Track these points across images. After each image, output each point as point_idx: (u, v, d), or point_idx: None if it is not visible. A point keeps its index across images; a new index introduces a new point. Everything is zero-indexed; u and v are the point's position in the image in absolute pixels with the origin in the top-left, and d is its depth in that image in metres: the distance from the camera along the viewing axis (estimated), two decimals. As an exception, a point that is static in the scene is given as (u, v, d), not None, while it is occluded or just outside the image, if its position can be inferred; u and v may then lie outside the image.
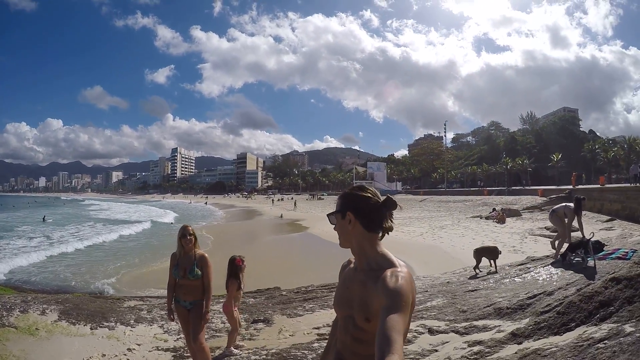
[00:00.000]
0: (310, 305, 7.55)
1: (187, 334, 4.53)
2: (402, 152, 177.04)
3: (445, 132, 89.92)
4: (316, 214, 42.32)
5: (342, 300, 1.79)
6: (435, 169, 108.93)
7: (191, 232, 4.49)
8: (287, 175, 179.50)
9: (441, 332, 5.22)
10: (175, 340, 5.99)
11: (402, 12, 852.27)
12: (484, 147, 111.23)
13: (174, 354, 5.52)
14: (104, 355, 5.50)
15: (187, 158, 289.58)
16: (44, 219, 43.95)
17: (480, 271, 8.97)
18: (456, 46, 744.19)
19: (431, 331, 5.24)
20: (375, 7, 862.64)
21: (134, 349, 5.71)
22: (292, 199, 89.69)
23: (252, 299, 8.47)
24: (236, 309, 5.42)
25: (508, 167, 75.05)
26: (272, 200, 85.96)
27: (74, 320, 6.52)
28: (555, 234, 11.25)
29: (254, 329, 6.45)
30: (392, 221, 1.76)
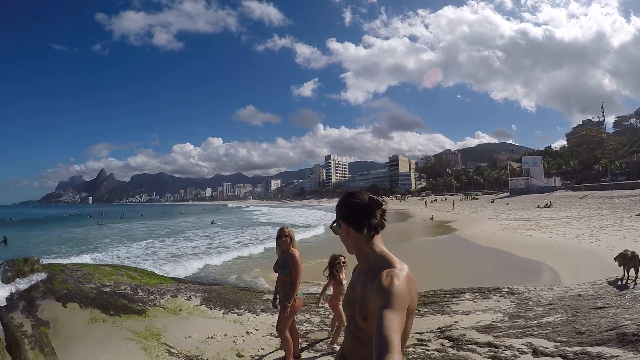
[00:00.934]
0: (425, 310, 7.56)
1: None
2: (560, 143, 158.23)
3: (603, 115, 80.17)
4: (469, 215, 40.39)
5: (348, 300, 1.91)
6: (597, 160, 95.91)
7: (287, 234, 4.98)
8: (440, 175, 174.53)
9: (546, 355, 4.77)
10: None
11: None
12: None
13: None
14: (226, 335, 6.63)
15: (340, 164, 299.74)
16: (212, 222, 49.86)
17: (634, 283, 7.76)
18: (601, 14, 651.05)
19: (535, 352, 4.86)
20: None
21: (251, 332, 6.72)
22: (445, 199, 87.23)
23: None
24: (340, 304, 5.64)
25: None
26: (425, 201, 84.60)
27: (211, 306, 8.25)
28: None
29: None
30: (384, 219, 1.87)
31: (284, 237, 4.93)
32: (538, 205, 44.11)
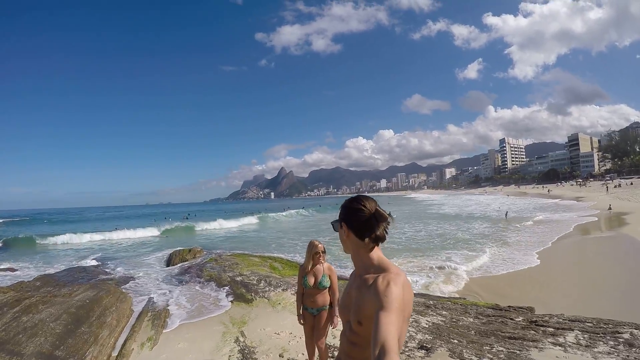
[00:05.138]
0: (499, 349, 5.75)
1: (309, 338, 4.91)
2: None
3: None
4: (656, 206, 32.95)
5: (343, 305, 1.90)
6: None
7: (323, 250, 4.89)
8: (627, 154, 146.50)
9: None
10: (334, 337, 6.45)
11: None
12: None
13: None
14: (290, 333, 6.87)
15: (516, 147, 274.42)
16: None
17: None
18: None
19: None
20: None
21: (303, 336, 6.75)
22: (631, 184, 73.38)
23: (483, 318, 7.56)
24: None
25: None
26: (607, 187, 68.85)
27: None
28: None
29: (409, 355, 5.73)
30: (386, 231, 1.83)
31: (321, 253, 4.86)
32: None
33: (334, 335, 6.31)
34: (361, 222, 1.81)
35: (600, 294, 10.25)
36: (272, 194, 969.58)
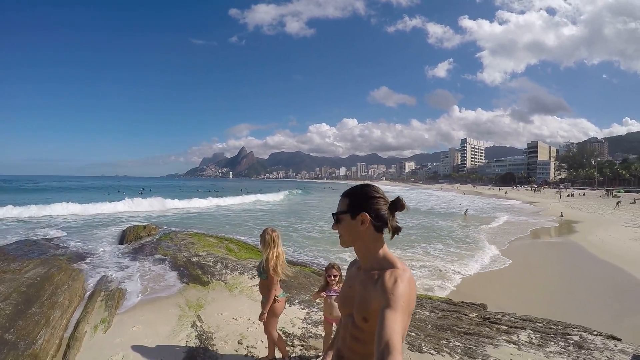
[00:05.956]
0: (456, 344, 5.88)
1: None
2: None
3: None
4: (603, 216, 34.08)
5: (345, 299, 1.85)
6: None
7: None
8: (582, 166, 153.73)
9: None
10: (299, 328, 6.49)
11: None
12: None
13: (287, 339, 6.00)
14: (249, 319, 6.74)
15: (476, 148, 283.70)
16: None
17: None
18: None
19: None
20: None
21: None
22: (583, 194, 77.47)
23: (438, 312, 7.72)
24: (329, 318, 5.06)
25: None
26: (560, 195, 74.33)
27: None
28: None
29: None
30: (397, 221, 1.79)
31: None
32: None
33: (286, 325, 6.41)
34: (381, 212, 1.75)
35: (548, 296, 10.85)
36: (231, 173, 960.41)
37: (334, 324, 4.99)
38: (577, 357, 5.36)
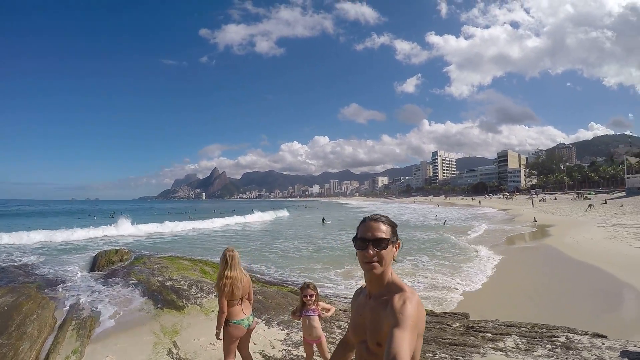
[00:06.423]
0: (442, 355, 5.69)
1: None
2: None
3: None
4: (576, 218, 35.03)
5: (356, 327, 1.92)
6: None
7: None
8: (552, 172, 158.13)
9: None
10: (279, 350, 6.30)
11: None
12: None
13: None
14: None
15: (447, 160, 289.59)
16: (323, 220, 47.53)
17: None
18: None
19: None
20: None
21: None
22: (555, 199, 79.69)
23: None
24: (307, 339, 4.90)
25: None
26: (532, 201, 76.66)
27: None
28: None
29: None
30: None
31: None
32: (657, 209, 37.06)
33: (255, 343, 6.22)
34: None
35: (529, 300, 10.81)
36: (204, 194, 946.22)
37: (314, 345, 4.82)
38: (566, 358, 5.23)
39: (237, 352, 4.86)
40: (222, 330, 4.68)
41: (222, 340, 4.72)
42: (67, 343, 6.71)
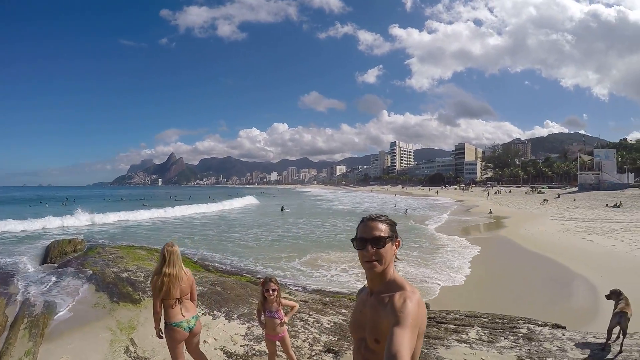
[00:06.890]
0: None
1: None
2: (635, 136, 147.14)
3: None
4: (530, 211, 36.45)
5: (356, 324, 1.92)
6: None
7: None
8: (507, 166, 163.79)
9: None
10: (241, 346, 6.11)
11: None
12: None
13: (228, 358, 5.68)
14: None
15: (405, 151, 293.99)
16: (282, 208, 46.90)
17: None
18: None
19: None
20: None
21: (207, 341, 6.15)
22: (510, 191, 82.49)
23: None
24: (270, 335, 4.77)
25: None
26: (488, 193, 79.33)
27: (199, 303, 7.45)
28: None
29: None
30: None
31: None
32: (607, 205, 39.42)
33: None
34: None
35: (486, 290, 11.06)
36: (160, 180, 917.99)
37: (277, 341, 4.71)
38: (529, 349, 5.30)
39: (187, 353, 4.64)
40: (163, 330, 4.40)
41: (168, 344, 4.44)
42: (19, 344, 6.28)
